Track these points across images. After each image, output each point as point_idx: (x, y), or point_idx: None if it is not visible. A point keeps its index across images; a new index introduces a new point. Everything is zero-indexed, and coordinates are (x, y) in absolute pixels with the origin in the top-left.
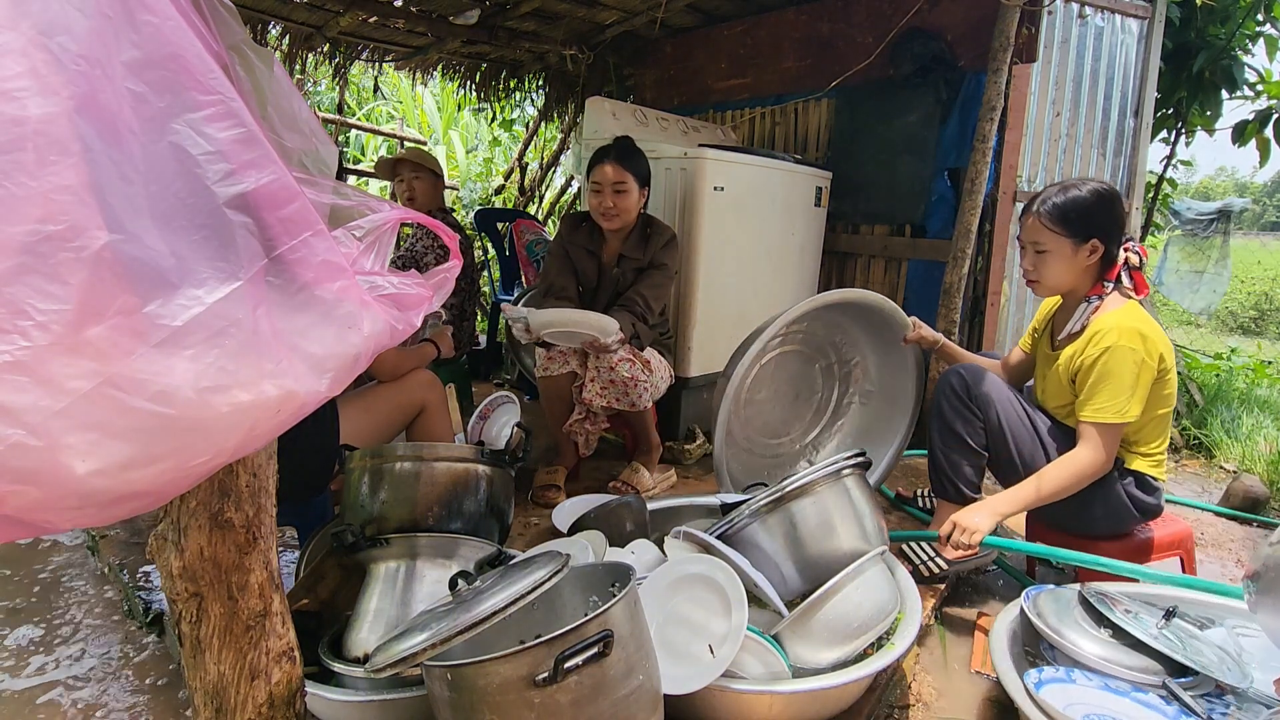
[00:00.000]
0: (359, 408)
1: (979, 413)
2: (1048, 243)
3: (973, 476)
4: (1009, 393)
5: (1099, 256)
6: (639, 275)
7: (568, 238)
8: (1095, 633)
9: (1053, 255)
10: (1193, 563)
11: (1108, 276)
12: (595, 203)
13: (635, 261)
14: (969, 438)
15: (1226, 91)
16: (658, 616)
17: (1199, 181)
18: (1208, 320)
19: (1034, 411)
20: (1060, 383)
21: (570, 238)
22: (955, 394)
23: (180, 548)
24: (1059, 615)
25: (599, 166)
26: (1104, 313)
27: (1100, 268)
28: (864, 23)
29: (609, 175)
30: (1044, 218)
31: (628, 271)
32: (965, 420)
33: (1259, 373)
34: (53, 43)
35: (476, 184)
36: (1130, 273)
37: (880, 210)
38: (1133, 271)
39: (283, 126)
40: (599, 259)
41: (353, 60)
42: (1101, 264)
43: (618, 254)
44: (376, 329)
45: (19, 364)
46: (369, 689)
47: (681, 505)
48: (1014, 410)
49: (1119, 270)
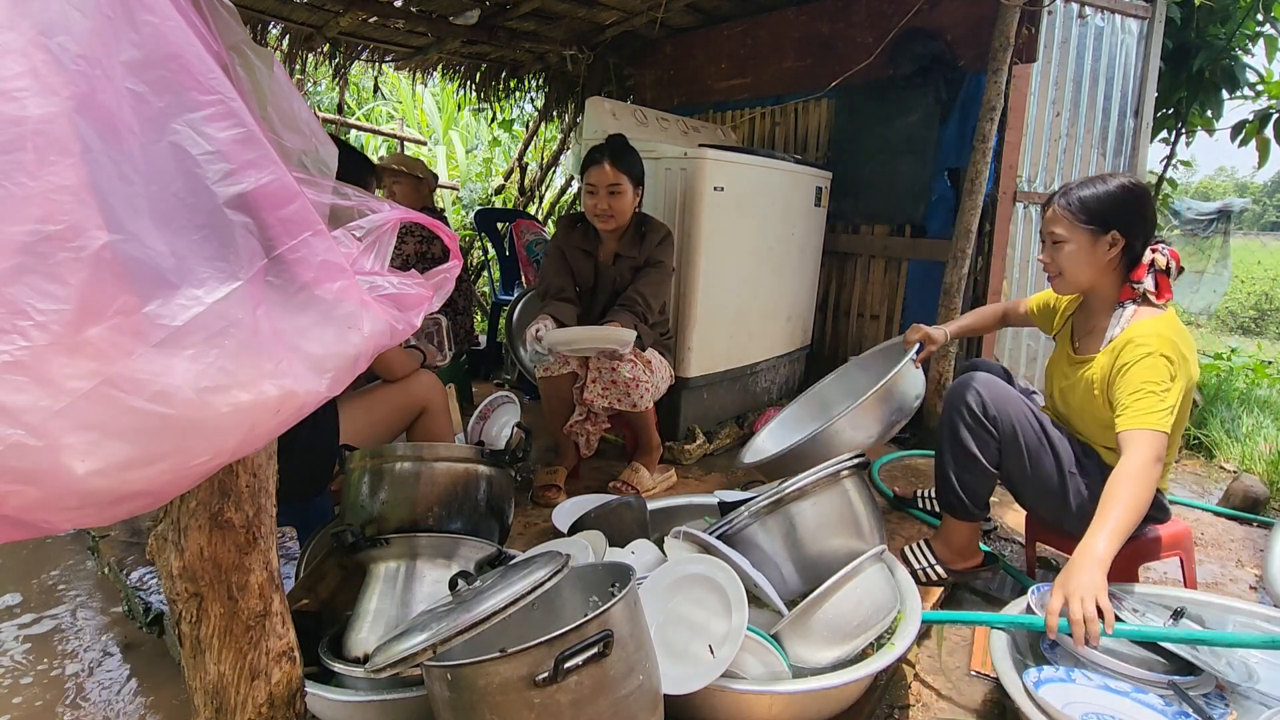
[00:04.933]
0: (359, 408)
1: (996, 433)
2: (1066, 232)
3: (985, 495)
4: (1026, 410)
5: (1119, 250)
6: (636, 274)
7: (564, 239)
8: None
9: (1070, 246)
10: (1192, 563)
11: (1134, 277)
12: (590, 204)
13: (632, 260)
14: (984, 458)
15: (1226, 91)
16: (658, 616)
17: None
18: (1208, 320)
19: (1050, 427)
20: (1087, 390)
21: (566, 239)
22: (972, 413)
23: (180, 548)
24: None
25: (593, 168)
26: (1141, 319)
27: (1124, 267)
28: (864, 23)
29: (603, 177)
30: (1064, 208)
31: (625, 270)
32: (981, 440)
33: (1259, 373)
34: (53, 43)
35: (476, 184)
36: (1156, 275)
37: (880, 210)
38: (1158, 275)
39: (283, 126)
40: (595, 259)
41: (353, 60)
42: (1125, 263)
43: (614, 253)
44: (376, 329)
45: (18, 364)
46: (369, 689)
47: (681, 505)
48: (1032, 430)
49: (1145, 271)
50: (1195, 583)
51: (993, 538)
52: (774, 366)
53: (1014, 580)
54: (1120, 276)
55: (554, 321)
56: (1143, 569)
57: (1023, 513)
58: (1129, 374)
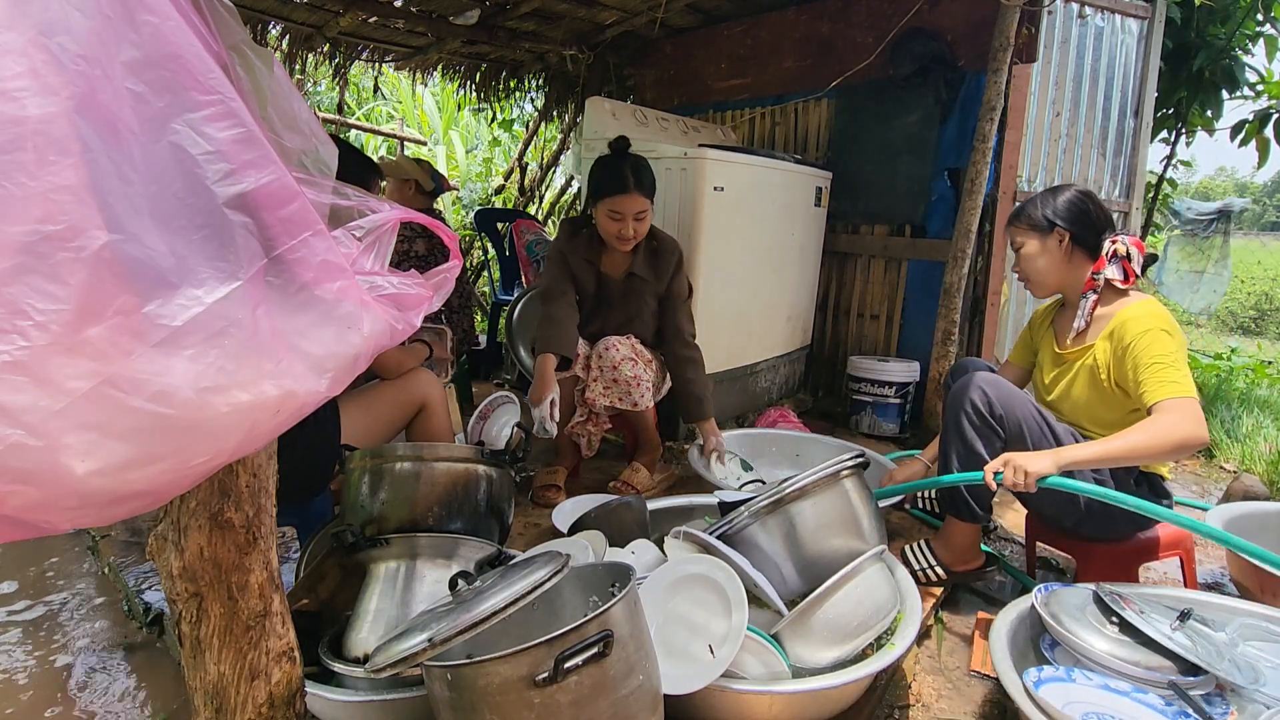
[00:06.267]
0: (359, 407)
1: (1002, 432)
2: (1023, 239)
3: (989, 497)
4: (1031, 406)
5: (1069, 243)
6: (660, 303)
7: (567, 245)
8: (1105, 630)
9: (1027, 249)
10: (1192, 563)
11: (1094, 269)
12: (614, 229)
13: (649, 284)
14: (989, 457)
15: (1226, 91)
16: (658, 616)
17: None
18: (1208, 320)
19: (1055, 423)
20: (1091, 379)
21: (570, 245)
22: (978, 411)
23: (180, 548)
24: (1070, 613)
25: (621, 196)
26: (1128, 304)
27: (1085, 261)
28: (864, 23)
29: (632, 205)
30: (1017, 221)
31: (642, 293)
32: (987, 440)
33: (1259, 373)
34: (53, 43)
35: (476, 184)
36: (1121, 263)
37: (880, 210)
38: (1122, 261)
39: (283, 126)
40: (597, 268)
41: (353, 60)
42: (1085, 257)
43: (624, 270)
44: (376, 329)
45: (18, 364)
46: (369, 689)
47: (681, 505)
48: (1038, 426)
49: (1105, 262)
50: (1196, 583)
51: (993, 538)
52: (774, 366)
53: (1014, 580)
54: (1085, 271)
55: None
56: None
57: (1023, 512)
58: (1136, 351)
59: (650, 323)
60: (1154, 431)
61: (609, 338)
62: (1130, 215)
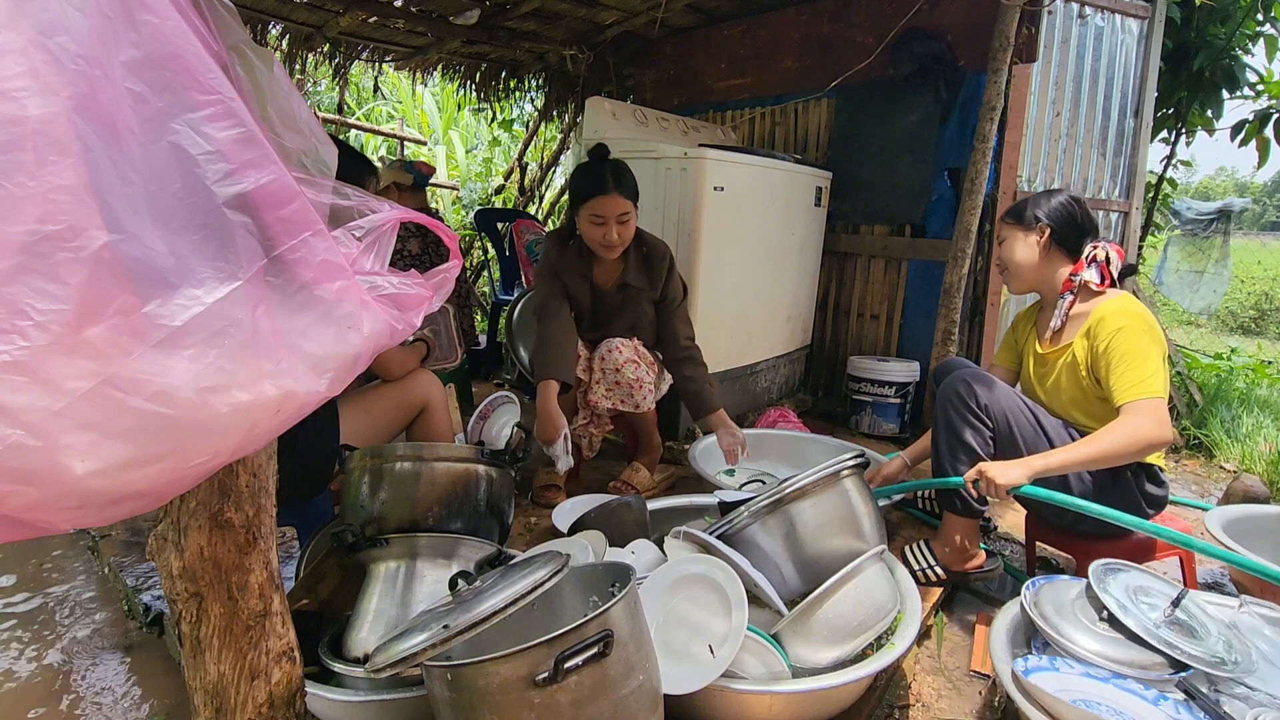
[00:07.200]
0: (359, 408)
1: (989, 422)
2: (1005, 233)
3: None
4: (1016, 398)
5: (1048, 239)
6: (657, 308)
7: (557, 259)
8: (1093, 626)
9: (1008, 243)
10: (1192, 563)
11: (1072, 271)
12: (598, 235)
13: (642, 292)
14: (979, 449)
15: (1226, 91)
16: (658, 616)
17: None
18: (1208, 320)
19: (1045, 415)
20: (1072, 377)
21: (560, 259)
22: (963, 402)
23: (180, 548)
24: (1058, 609)
25: (600, 198)
26: (1103, 301)
27: (1064, 261)
28: (864, 23)
29: (614, 206)
30: (1003, 218)
31: (638, 301)
32: (975, 430)
33: (1259, 373)
34: (52, 43)
35: (476, 184)
36: (1099, 268)
37: (880, 210)
38: (1101, 266)
39: (283, 126)
40: (590, 281)
41: (353, 60)
42: (1064, 257)
43: (615, 278)
44: (376, 329)
45: (18, 364)
46: (369, 689)
47: (681, 505)
48: (1025, 418)
49: (1084, 265)
50: (1196, 583)
51: (993, 538)
52: (774, 366)
53: (1014, 580)
54: (1063, 271)
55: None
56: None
57: (1023, 512)
58: (1109, 348)
59: (651, 330)
60: (1119, 435)
61: (612, 339)
62: (1130, 215)
